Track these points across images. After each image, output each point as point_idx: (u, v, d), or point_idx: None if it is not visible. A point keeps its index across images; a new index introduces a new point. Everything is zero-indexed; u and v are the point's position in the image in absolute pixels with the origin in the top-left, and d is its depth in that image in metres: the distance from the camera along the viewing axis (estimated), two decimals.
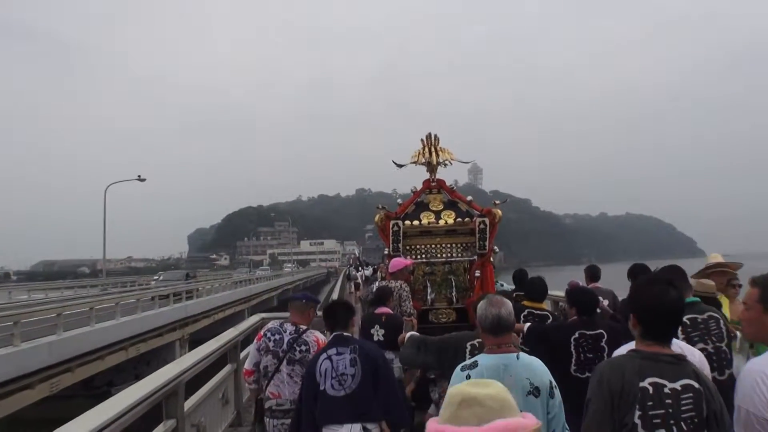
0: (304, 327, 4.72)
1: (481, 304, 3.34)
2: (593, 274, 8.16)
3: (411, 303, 7.16)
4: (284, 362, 4.55)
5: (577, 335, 4.64)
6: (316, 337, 4.68)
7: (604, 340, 4.55)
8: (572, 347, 4.62)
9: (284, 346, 4.58)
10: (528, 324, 5.22)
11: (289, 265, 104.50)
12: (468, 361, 3.22)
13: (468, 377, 3.06)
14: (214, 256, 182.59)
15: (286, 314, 5.09)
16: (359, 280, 28.95)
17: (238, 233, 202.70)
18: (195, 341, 23.67)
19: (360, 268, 33.42)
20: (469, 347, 4.17)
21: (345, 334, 4.18)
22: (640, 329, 2.59)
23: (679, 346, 2.97)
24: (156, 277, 39.20)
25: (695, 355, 3.29)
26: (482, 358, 3.18)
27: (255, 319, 7.81)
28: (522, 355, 3.18)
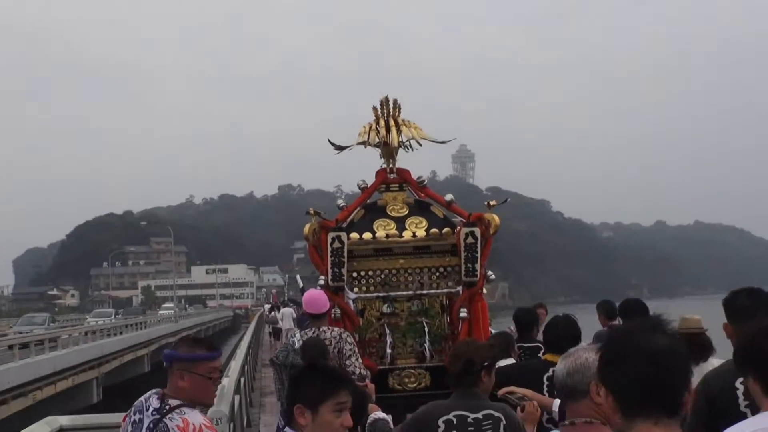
0: (175, 402, 4.35)
1: None
2: (609, 311, 8.97)
3: (360, 360, 7.20)
4: None
5: None
6: (185, 420, 4.26)
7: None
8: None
9: None
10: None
11: (171, 305, 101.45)
12: None
13: None
14: (54, 292, 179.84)
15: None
16: (280, 325, 28.96)
17: (93, 255, 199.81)
18: None
19: (276, 309, 33.42)
20: (442, 426, 4.24)
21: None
22: (622, 406, 2.36)
23: None
24: None
25: None
26: None
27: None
28: None
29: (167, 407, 4.31)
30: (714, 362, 5.59)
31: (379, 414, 5.26)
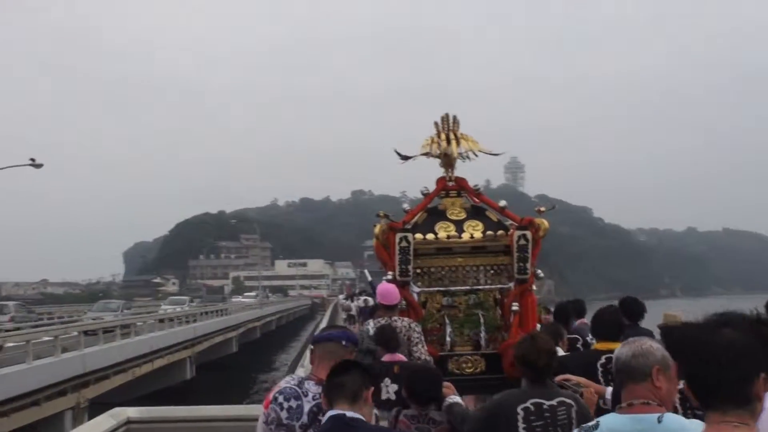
0: None
1: None
2: (578, 309, 9.09)
3: (425, 348, 7.18)
4: None
5: None
6: None
7: None
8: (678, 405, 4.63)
9: (304, 418, 3.98)
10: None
11: (253, 293, 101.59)
12: (590, 422, 3.11)
13: None
14: (158, 280, 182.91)
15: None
16: (353, 312, 29.25)
17: (191, 249, 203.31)
18: (100, 406, 22.61)
19: (353, 299, 33.86)
20: (521, 413, 4.18)
21: (349, 415, 3.52)
22: (696, 397, 2.40)
23: None
24: None
25: None
26: (607, 419, 3.07)
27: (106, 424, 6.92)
28: (668, 417, 2.95)
29: None
30: None
31: (455, 398, 5.17)
